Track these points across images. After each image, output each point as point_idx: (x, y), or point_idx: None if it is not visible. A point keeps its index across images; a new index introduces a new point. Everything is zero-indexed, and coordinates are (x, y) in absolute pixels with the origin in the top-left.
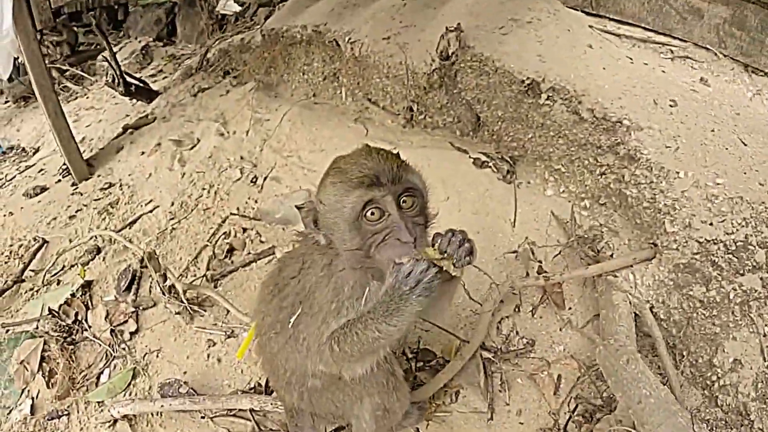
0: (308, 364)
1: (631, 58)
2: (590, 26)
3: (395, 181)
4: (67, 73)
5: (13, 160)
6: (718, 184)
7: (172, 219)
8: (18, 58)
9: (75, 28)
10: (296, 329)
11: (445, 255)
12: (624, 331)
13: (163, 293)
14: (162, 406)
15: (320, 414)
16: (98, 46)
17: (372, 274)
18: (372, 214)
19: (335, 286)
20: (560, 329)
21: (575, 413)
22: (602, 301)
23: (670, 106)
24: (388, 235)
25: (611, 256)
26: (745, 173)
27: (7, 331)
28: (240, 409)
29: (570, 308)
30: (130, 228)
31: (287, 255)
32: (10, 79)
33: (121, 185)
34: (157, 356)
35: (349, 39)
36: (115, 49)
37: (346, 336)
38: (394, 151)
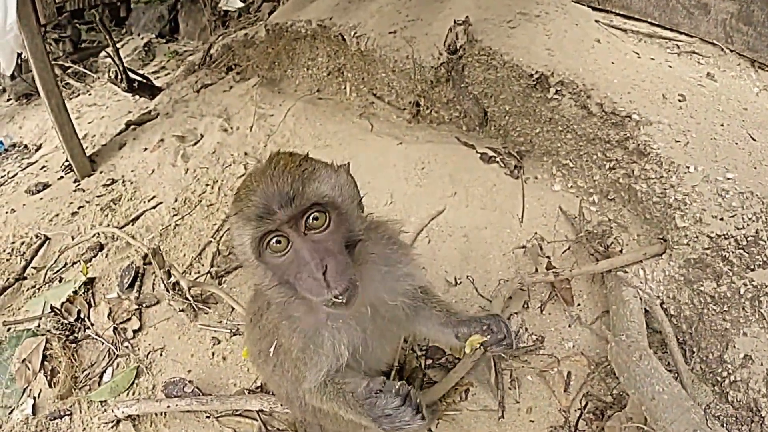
0: (299, 392)
1: (638, 53)
2: (597, 21)
3: (291, 203)
4: (70, 70)
5: (16, 157)
6: (728, 178)
7: (176, 215)
8: (21, 53)
9: (77, 25)
10: (279, 358)
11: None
12: (635, 327)
13: (167, 290)
14: (168, 406)
15: (328, 429)
16: (100, 43)
17: (322, 310)
18: (278, 243)
19: (294, 332)
20: (569, 326)
21: (586, 410)
22: (612, 296)
23: (679, 100)
24: (297, 267)
25: (620, 251)
26: (755, 168)
27: (9, 329)
28: (247, 410)
29: (579, 304)
30: (132, 224)
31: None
32: (12, 77)
33: (123, 181)
34: (161, 355)
35: (355, 33)
36: (117, 46)
37: (322, 399)
38: (300, 155)
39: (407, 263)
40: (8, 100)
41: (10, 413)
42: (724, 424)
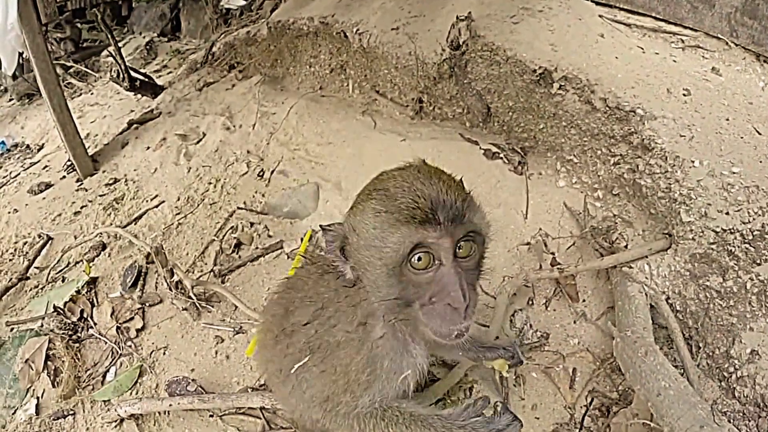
0: (314, 415)
1: (642, 48)
2: (600, 16)
3: (456, 221)
4: (71, 70)
5: (18, 158)
6: (734, 173)
7: (178, 214)
8: (23, 53)
9: (78, 25)
10: (300, 377)
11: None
12: (641, 323)
13: (170, 289)
14: (171, 405)
15: None
16: (102, 43)
17: (412, 336)
18: (419, 259)
19: (370, 355)
20: (574, 322)
21: (591, 407)
22: (617, 292)
23: (684, 95)
24: (436, 293)
25: (625, 247)
26: (761, 162)
27: (12, 329)
28: (250, 408)
29: (584, 301)
30: (135, 224)
31: (297, 280)
32: (14, 77)
33: (126, 181)
34: (164, 353)
35: (357, 30)
36: (119, 45)
37: (378, 425)
38: (456, 178)
39: None
40: (10, 100)
41: (13, 413)
42: (731, 420)
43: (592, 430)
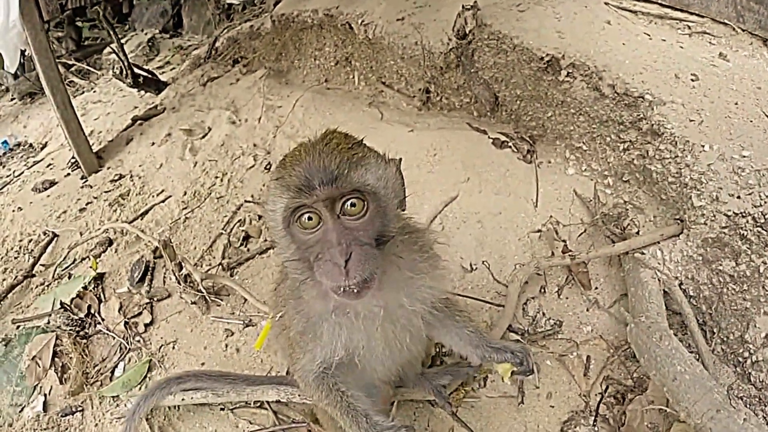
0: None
1: (648, 35)
2: (606, 3)
3: (333, 183)
4: (73, 68)
5: (21, 156)
6: (744, 156)
7: (185, 208)
8: (25, 50)
9: (79, 23)
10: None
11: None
12: (654, 309)
13: (179, 283)
14: (182, 399)
15: None
16: (103, 41)
17: (331, 298)
18: (309, 219)
19: (297, 313)
20: (587, 309)
21: (606, 394)
22: (630, 278)
23: (692, 80)
24: (321, 250)
25: (637, 233)
26: None
27: (18, 327)
28: (267, 403)
29: (596, 288)
30: (142, 219)
31: None
32: (15, 76)
33: (131, 176)
34: (174, 348)
35: (362, 21)
36: (121, 41)
37: (316, 390)
38: (355, 139)
39: (433, 274)
40: (12, 99)
41: (20, 411)
42: (747, 405)
43: (607, 418)
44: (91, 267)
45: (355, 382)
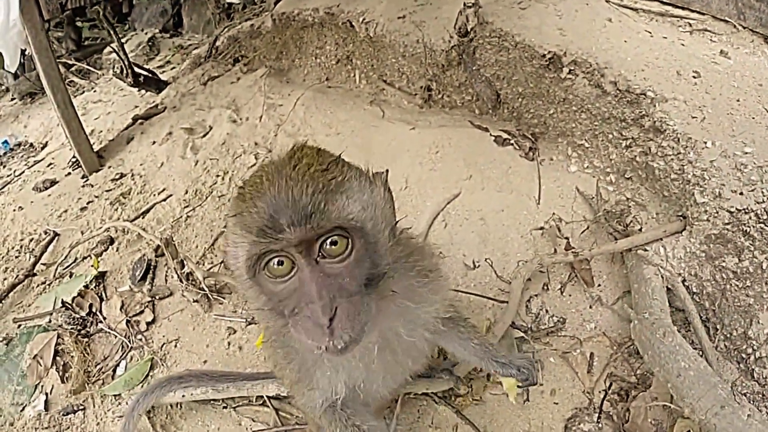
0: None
1: (650, 32)
2: (607, 0)
3: (306, 221)
4: (73, 68)
5: (21, 156)
6: (746, 153)
7: (187, 207)
8: (25, 49)
9: (79, 23)
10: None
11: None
12: (658, 305)
13: (181, 280)
14: (183, 395)
15: None
16: (103, 40)
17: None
18: (279, 264)
19: (288, 363)
20: (590, 306)
21: (610, 391)
22: (633, 275)
23: (694, 77)
24: (297, 304)
25: (640, 230)
26: None
27: (19, 326)
28: (267, 397)
29: (599, 285)
30: (143, 217)
31: None
32: (15, 76)
33: (132, 175)
34: (176, 346)
35: (364, 19)
36: (122, 40)
37: (330, 424)
38: (330, 156)
39: (433, 299)
40: (12, 99)
41: (21, 410)
42: (751, 402)
43: (611, 415)
44: (92, 266)
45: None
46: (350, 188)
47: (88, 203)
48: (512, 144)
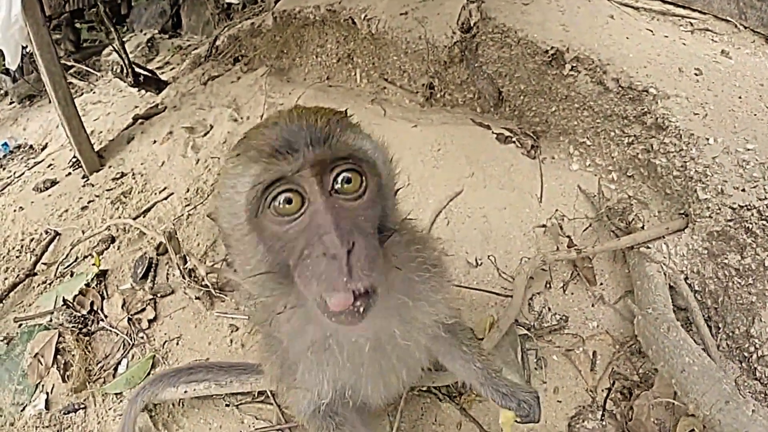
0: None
1: (651, 30)
2: None
3: (322, 142)
4: (72, 70)
5: (21, 158)
6: (748, 149)
7: (188, 205)
8: (26, 47)
9: (78, 25)
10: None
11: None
12: (661, 301)
13: (183, 276)
14: (185, 391)
15: None
16: (102, 42)
17: (311, 336)
18: (288, 202)
19: (271, 354)
20: (593, 305)
21: (613, 390)
22: (636, 272)
23: (695, 74)
24: (308, 242)
25: (642, 227)
26: None
27: (20, 325)
28: (270, 392)
29: (601, 284)
30: (144, 216)
31: None
32: (14, 79)
33: (133, 174)
34: (178, 344)
35: (365, 16)
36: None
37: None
38: (338, 109)
39: (434, 299)
40: (11, 102)
41: (22, 409)
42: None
43: (614, 413)
44: (93, 264)
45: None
46: (360, 131)
47: (88, 202)
48: (514, 142)
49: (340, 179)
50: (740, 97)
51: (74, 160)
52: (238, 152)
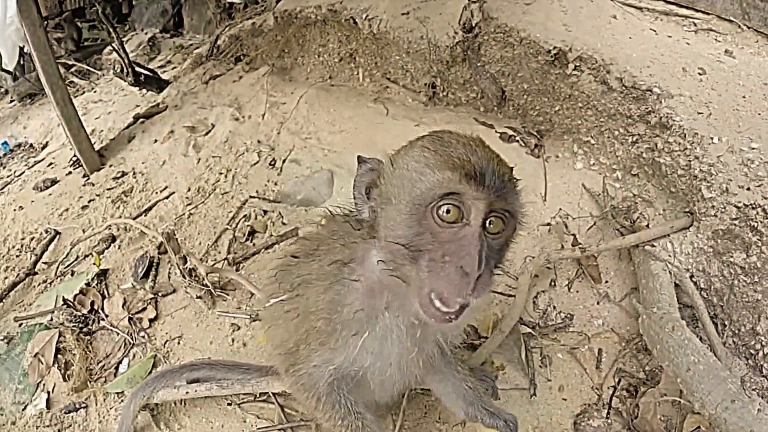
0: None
1: (654, 30)
2: None
3: (498, 191)
4: (73, 69)
5: (21, 157)
6: (753, 148)
7: (189, 204)
8: (24, 47)
9: (78, 24)
10: (274, 321)
11: None
12: (666, 299)
13: (184, 276)
14: (187, 392)
15: None
16: (103, 41)
17: (392, 297)
18: (448, 211)
19: (335, 298)
20: (598, 303)
21: (619, 387)
22: (641, 271)
23: (699, 74)
24: (452, 251)
25: (647, 226)
26: None
27: (20, 324)
28: (272, 393)
29: (606, 282)
30: (145, 215)
31: (307, 235)
32: (14, 78)
33: (134, 173)
34: (179, 343)
35: (367, 16)
36: (122, 39)
37: (321, 402)
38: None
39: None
40: (11, 101)
41: (23, 409)
42: (761, 398)
43: (620, 411)
44: (94, 263)
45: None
46: (519, 191)
47: (89, 202)
48: (518, 141)
49: (494, 221)
50: (744, 97)
51: (74, 159)
52: (435, 149)
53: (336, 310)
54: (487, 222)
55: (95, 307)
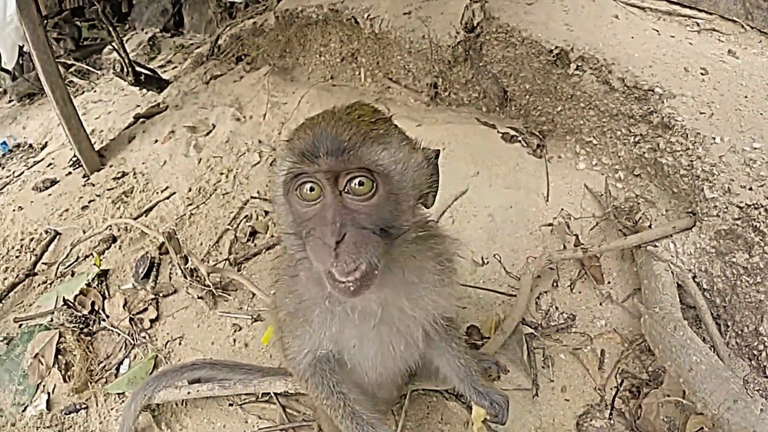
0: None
1: (657, 30)
2: None
3: (338, 154)
4: (73, 69)
5: (20, 157)
6: (755, 148)
7: (190, 205)
8: (23, 46)
9: (78, 23)
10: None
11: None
12: (668, 300)
13: (185, 276)
14: (188, 393)
15: None
16: (103, 40)
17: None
18: (310, 190)
19: (293, 291)
20: (600, 303)
21: (621, 388)
22: (643, 271)
23: (701, 74)
24: (314, 227)
25: (649, 226)
26: None
27: (20, 325)
28: (274, 393)
29: (609, 282)
30: (146, 215)
31: None
32: (13, 78)
33: (135, 174)
34: (180, 343)
35: (368, 16)
36: (122, 39)
37: (307, 381)
38: (383, 115)
39: (441, 291)
40: (10, 101)
41: (23, 410)
42: (764, 398)
43: (623, 411)
44: (94, 264)
45: (352, 384)
46: (388, 142)
47: (89, 202)
48: (520, 141)
49: (354, 182)
50: (746, 97)
51: (74, 159)
52: (287, 139)
53: (294, 299)
54: (344, 188)
55: (96, 308)
